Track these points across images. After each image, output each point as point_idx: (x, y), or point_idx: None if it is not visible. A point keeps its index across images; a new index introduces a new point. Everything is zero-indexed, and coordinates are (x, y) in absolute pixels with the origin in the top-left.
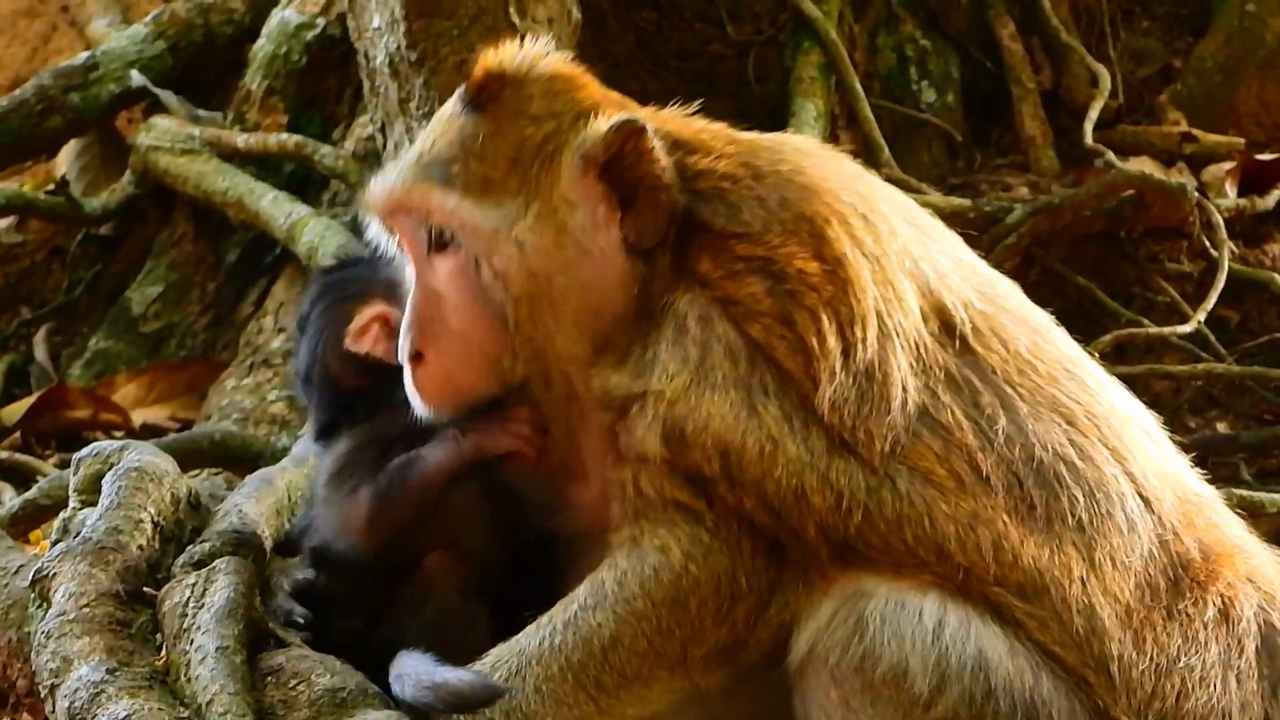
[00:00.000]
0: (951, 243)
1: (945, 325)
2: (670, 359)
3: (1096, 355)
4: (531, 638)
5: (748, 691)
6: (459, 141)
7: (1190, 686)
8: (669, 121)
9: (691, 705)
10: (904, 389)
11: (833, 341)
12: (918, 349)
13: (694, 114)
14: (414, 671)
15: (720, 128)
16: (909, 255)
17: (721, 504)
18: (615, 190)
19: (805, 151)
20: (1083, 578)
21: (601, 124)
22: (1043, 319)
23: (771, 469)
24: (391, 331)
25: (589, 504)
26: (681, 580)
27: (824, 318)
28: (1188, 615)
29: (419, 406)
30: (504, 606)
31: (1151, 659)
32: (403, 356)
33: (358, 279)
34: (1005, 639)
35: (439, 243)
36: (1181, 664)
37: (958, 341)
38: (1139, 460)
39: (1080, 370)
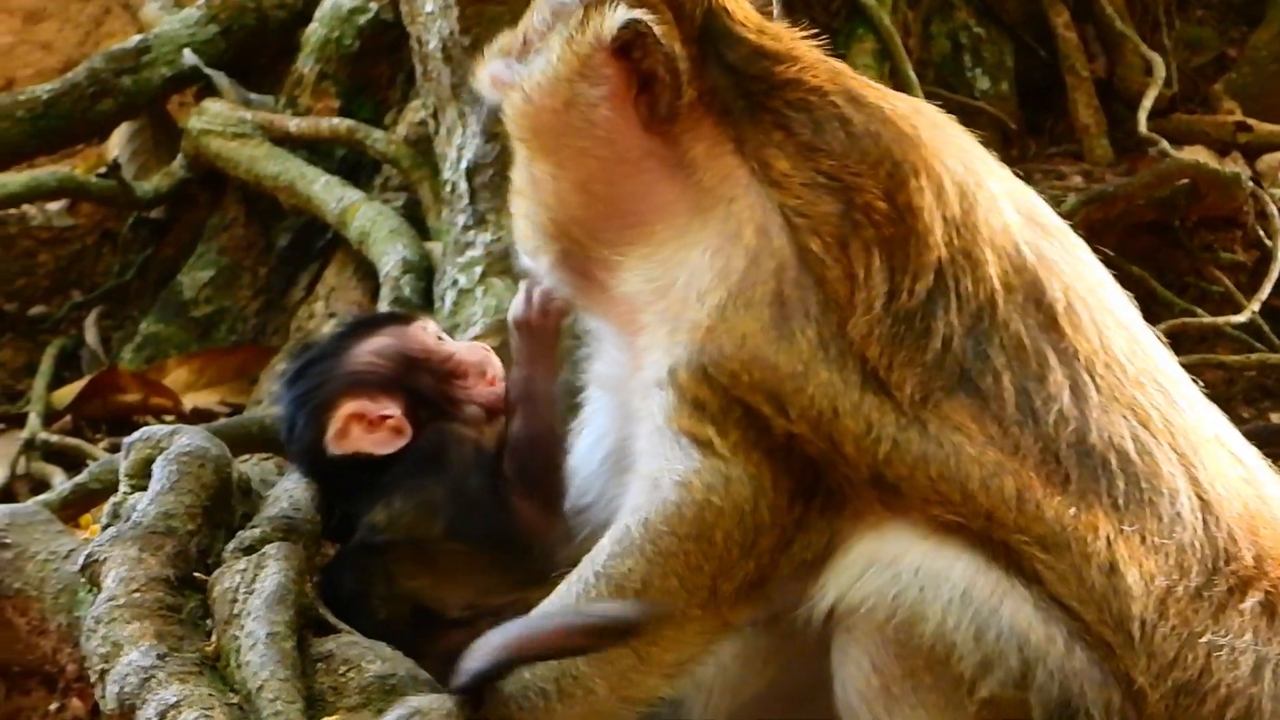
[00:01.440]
0: (1072, 243)
1: (1036, 301)
2: (710, 267)
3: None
4: (566, 594)
5: (781, 649)
6: (526, 14)
7: (1215, 665)
8: (762, 33)
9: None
10: (945, 346)
11: (878, 280)
12: (979, 314)
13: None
14: (527, 626)
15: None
16: (1008, 234)
17: (746, 430)
18: (630, 70)
19: (925, 110)
20: (1108, 538)
21: (619, 15)
22: (1150, 337)
23: (804, 387)
24: (369, 423)
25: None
26: (705, 513)
27: (877, 254)
28: (1220, 600)
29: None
30: None
31: (1173, 627)
32: None
33: (320, 380)
34: (1031, 600)
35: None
36: (1206, 639)
37: (1044, 316)
38: (1208, 469)
39: (1173, 388)
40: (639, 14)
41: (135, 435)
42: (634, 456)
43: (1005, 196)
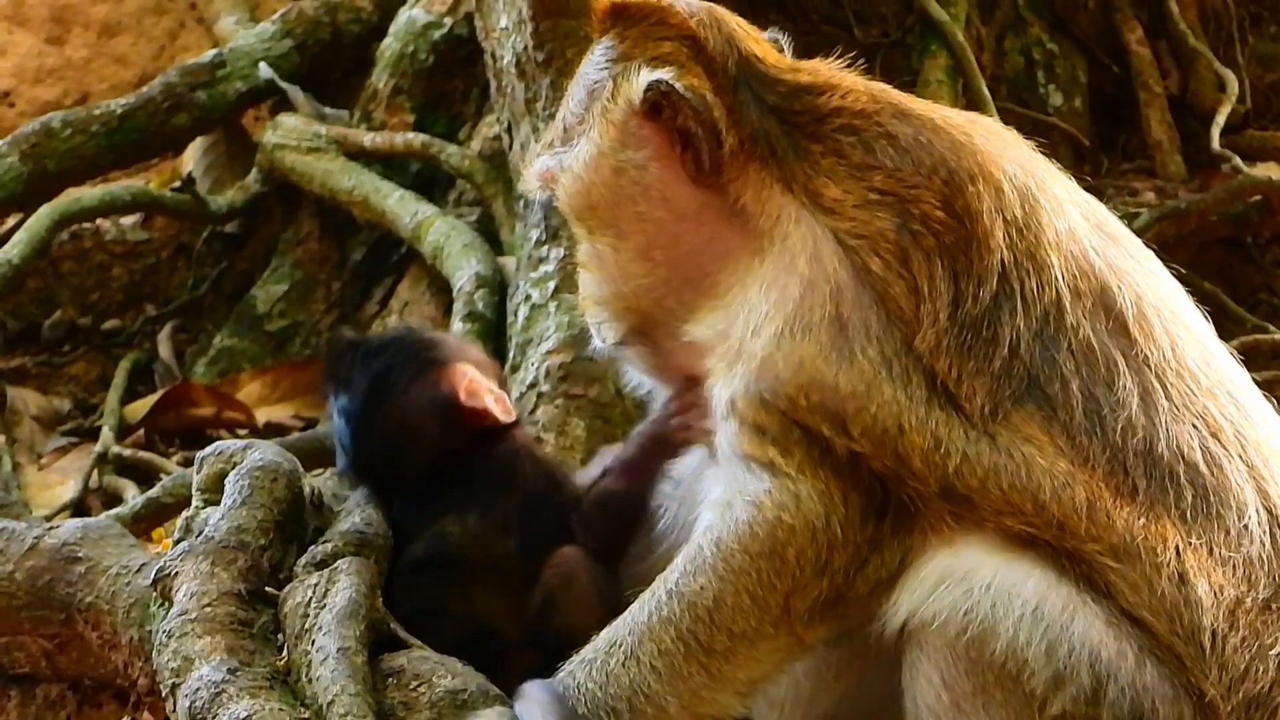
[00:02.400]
0: (1142, 253)
1: (1105, 307)
2: (765, 300)
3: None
4: (639, 612)
5: (854, 665)
6: (561, 106)
7: None
8: (796, 72)
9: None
10: (1013, 352)
11: (942, 288)
12: (1046, 317)
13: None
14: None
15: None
16: (1074, 239)
17: (812, 449)
18: (667, 130)
19: (980, 120)
20: (1177, 548)
21: (643, 79)
22: (1224, 351)
23: (866, 406)
24: (486, 390)
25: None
26: (776, 531)
27: (939, 263)
28: None
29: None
30: None
31: (1244, 639)
32: None
33: (422, 346)
34: (1103, 616)
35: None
36: (1276, 651)
37: (1113, 323)
38: (1279, 483)
39: (1246, 401)
40: (661, 74)
41: (208, 450)
42: (706, 489)
43: (1070, 203)
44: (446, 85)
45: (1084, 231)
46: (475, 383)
